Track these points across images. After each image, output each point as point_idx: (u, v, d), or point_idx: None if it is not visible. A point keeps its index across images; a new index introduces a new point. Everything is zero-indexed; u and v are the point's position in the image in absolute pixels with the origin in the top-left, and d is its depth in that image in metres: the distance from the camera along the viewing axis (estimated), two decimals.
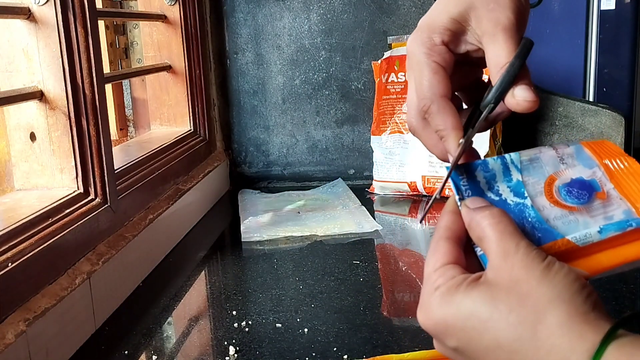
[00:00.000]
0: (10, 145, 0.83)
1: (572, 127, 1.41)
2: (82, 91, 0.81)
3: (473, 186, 0.45)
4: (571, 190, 0.43)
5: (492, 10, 0.45)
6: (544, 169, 0.45)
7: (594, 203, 0.43)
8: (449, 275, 0.40)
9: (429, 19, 0.48)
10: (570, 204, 0.43)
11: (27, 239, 0.69)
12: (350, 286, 0.90)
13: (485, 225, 0.41)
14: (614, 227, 0.41)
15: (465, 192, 0.44)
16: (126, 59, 1.47)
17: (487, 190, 0.44)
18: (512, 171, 0.45)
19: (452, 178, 0.45)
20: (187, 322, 0.82)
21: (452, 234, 0.43)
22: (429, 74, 0.46)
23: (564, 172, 0.45)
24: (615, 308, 0.80)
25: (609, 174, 0.45)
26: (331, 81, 1.45)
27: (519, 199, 0.43)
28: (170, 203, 1.07)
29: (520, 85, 0.44)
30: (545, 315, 0.36)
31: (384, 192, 1.36)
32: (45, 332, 0.67)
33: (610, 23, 1.49)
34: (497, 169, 0.45)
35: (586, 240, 0.41)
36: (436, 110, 0.46)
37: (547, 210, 0.43)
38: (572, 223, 0.42)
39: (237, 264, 1.02)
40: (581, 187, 0.44)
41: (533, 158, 0.46)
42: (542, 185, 0.44)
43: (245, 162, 1.50)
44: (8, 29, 0.79)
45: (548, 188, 0.44)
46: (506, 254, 0.39)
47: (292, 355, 0.71)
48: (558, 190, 0.44)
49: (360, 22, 1.41)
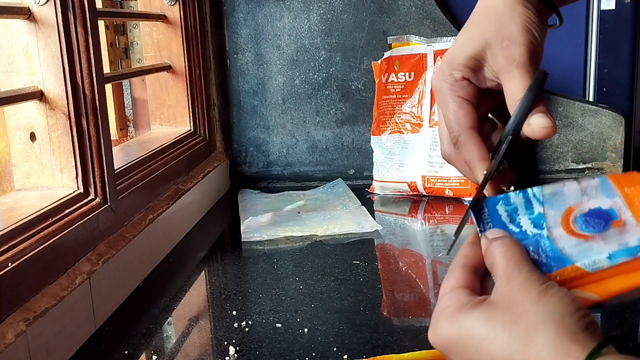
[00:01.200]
0: (10, 145, 0.83)
1: (572, 127, 1.41)
2: (82, 91, 0.81)
3: (495, 219, 0.47)
4: (588, 219, 0.45)
5: (506, 48, 0.48)
6: (566, 201, 0.46)
7: (610, 231, 0.43)
8: (457, 297, 0.43)
9: (449, 56, 0.51)
10: (586, 232, 0.44)
11: (27, 239, 0.69)
12: (350, 286, 0.90)
13: (497, 253, 0.43)
14: (624, 253, 0.42)
15: (487, 225, 0.47)
16: (126, 59, 1.47)
17: (509, 223, 0.46)
18: (535, 204, 0.47)
19: (472, 212, 0.48)
20: (187, 322, 0.82)
21: (468, 262, 0.45)
22: (455, 108, 0.50)
23: (584, 203, 0.46)
24: (616, 309, 0.80)
25: (628, 203, 0.45)
26: (331, 81, 1.45)
27: (537, 230, 0.45)
28: (170, 203, 1.07)
29: (536, 113, 0.47)
30: (535, 334, 0.38)
31: (384, 192, 1.36)
32: (45, 332, 0.67)
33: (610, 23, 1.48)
34: (519, 203, 0.47)
35: (595, 266, 0.42)
36: (463, 142, 0.49)
37: (562, 239, 0.44)
38: (585, 251, 0.43)
39: (237, 264, 1.02)
40: (598, 216, 0.45)
41: (556, 192, 0.47)
42: (561, 216, 0.45)
43: (245, 162, 1.50)
44: (8, 29, 0.79)
45: (565, 219, 0.45)
46: (509, 278, 0.41)
47: (292, 355, 0.71)
48: (575, 220, 0.45)
49: (360, 22, 1.41)
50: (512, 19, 0.49)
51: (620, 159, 1.41)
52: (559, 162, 1.43)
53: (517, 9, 0.49)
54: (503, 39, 0.48)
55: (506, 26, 0.49)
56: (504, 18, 0.49)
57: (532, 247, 0.44)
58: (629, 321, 0.77)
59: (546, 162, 1.44)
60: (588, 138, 1.41)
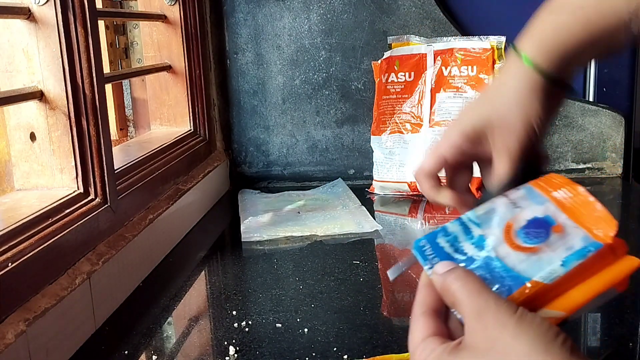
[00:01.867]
0: (10, 145, 0.83)
1: (572, 127, 1.41)
2: (82, 91, 0.81)
3: (439, 252, 0.46)
4: (528, 231, 0.44)
5: (504, 135, 0.53)
6: (501, 217, 0.46)
7: (552, 237, 0.43)
8: (431, 348, 0.41)
9: (459, 117, 0.57)
10: (530, 245, 0.43)
11: (27, 239, 0.69)
12: (350, 286, 0.90)
13: (455, 289, 0.41)
14: (575, 256, 0.41)
15: (433, 260, 0.45)
16: (126, 59, 1.47)
17: (453, 253, 0.46)
18: (472, 228, 0.47)
19: (415, 251, 0.47)
20: (187, 322, 0.82)
21: (428, 307, 0.44)
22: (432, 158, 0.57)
23: (519, 215, 0.46)
24: (616, 309, 0.80)
25: (560, 206, 0.45)
26: (331, 81, 1.45)
27: (484, 253, 0.44)
28: (170, 203, 1.07)
29: None
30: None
31: (384, 192, 1.36)
32: (45, 332, 0.67)
33: None
34: (458, 230, 0.47)
35: (553, 277, 0.41)
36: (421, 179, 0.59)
37: (511, 256, 0.43)
38: (536, 263, 0.42)
39: (237, 264, 1.02)
40: (537, 226, 0.44)
41: (488, 210, 0.47)
42: (502, 234, 0.45)
43: (245, 162, 1.50)
44: (8, 29, 0.79)
45: (507, 235, 0.45)
46: (478, 314, 0.40)
47: (292, 355, 0.71)
48: (516, 234, 0.45)
49: (360, 22, 1.41)
50: (518, 109, 0.53)
51: (620, 159, 1.41)
52: (559, 162, 1.43)
53: (527, 99, 0.53)
54: (503, 126, 0.53)
55: (511, 115, 0.53)
56: (512, 107, 0.53)
57: (484, 271, 0.43)
58: (629, 321, 0.77)
59: None
60: (588, 138, 1.41)
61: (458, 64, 1.31)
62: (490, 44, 1.29)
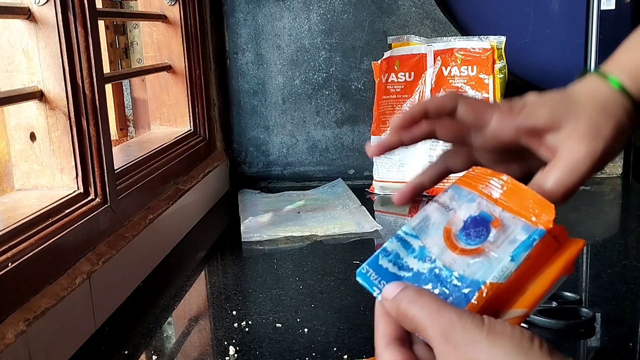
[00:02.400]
0: (10, 145, 0.83)
1: None
2: (82, 91, 0.81)
3: (384, 275, 0.43)
4: (468, 232, 0.42)
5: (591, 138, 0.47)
6: (437, 224, 0.44)
7: (494, 233, 0.42)
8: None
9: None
10: (474, 246, 0.42)
11: (27, 239, 0.69)
12: (350, 286, 0.90)
13: (412, 314, 0.39)
14: (522, 248, 0.40)
15: (380, 284, 0.43)
16: (126, 59, 1.47)
17: (398, 271, 0.43)
18: (411, 241, 0.44)
19: (360, 280, 0.44)
20: (187, 322, 0.82)
21: (390, 338, 0.41)
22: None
23: (454, 218, 0.44)
24: (616, 309, 0.80)
25: (491, 199, 0.43)
26: (331, 81, 1.45)
27: (429, 264, 0.42)
28: (170, 203, 1.07)
29: None
30: None
31: (384, 192, 1.36)
32: (45, 332, 0.67)
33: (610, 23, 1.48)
34: (397, 247, 0.44)
35: (506, 274, 0.40)
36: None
37: (458, 262, 0.41)
38: (485, 264, 0.40)
39: (237, 264, 1.02)
40: (475, 224, 0.43)
41: (422, 219, 0.45)
42: (443, 241, 0.43)
43: (245, 162, 1.50)
44: (8, 29, 0.79)
45: (448, 241, 0.43)
46: (445, 336, 0.38)
47: (292, 355, 0.71)
48: (457, 238, 0.43)
49: (360, 22, 1.41)
50: (611, 117, 0.47)
51: (620, 158, 1.41)
52: None
53: (618, 113, 0.48)
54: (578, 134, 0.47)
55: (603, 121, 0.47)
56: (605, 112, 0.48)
57: (435, 283, 0.41)
58: (629, 321, 0.77)
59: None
60: None
61: (458, 64, 1.31)
62: (490, 44, 1.29)
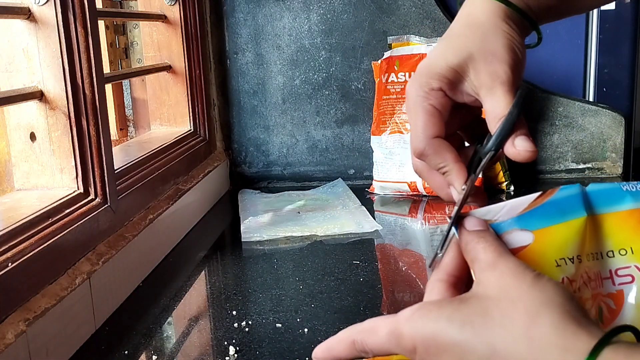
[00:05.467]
0: (10, 145, 0.83)
1: (572, 127, 1.41)
2: (82, 91, 0.81)
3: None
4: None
5: (490, 63, 0.47)
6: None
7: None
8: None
9: (427, 64, 0.49)
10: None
11: (27, 239, 0.69)
12: (350, 286, 0.90)
13: (479, 248, 0.41)
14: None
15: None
16: (126, 59, 1.47)
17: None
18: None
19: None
20: (187, 322, 0.82)
21: (447, 275, 0.43)
22: (424, 117, 0.48)
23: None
24: None
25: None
26: (331, 81, 1.45)
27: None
28: (170, 203, 1.07)
29: (520, 135, 0.46)
30: (538, 317, 0.36)
31: (384, 192, 1.36)
32: (45, 332, 0.67)
33: (610, 23, 1.49)
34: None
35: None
36: (432, 152, 0.47)
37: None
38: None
39: (237, 264, 1.02)
40: None
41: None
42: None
43: (245, 162, 1.50)
44: (8, 29, 0.79)
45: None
46: (494, 265, 0.39)
47: (292, 355, 0.71)
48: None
49: (360, 22, 1.41)
50: (496, 35, 0.48)
51: (620, 159, 1.42)
52: (559, 162, 1.43)
53: (501, 26, 0.48)
54: (487, 54, 0.47)
55: (491, 42, 0.47)
56: (488, 34, 0.48)
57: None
58: None
59: (546, 162, 1.44)
60: (588, 138, 1.41)
61: None
62: None
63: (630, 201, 0.44)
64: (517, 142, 0.45)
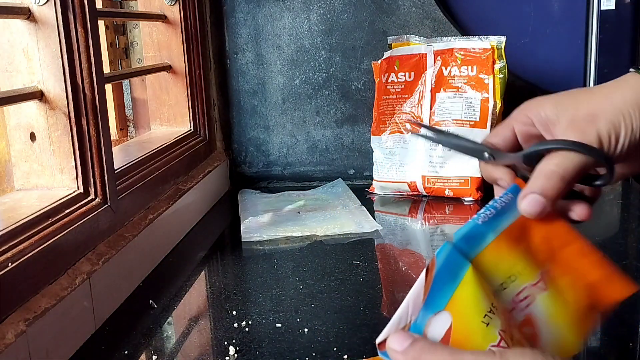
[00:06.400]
0: (10, 145, 0.83)
1: None
2: (82, 91, 0.81)
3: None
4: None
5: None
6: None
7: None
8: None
9: (537, 101, 0.54)
10: None
11: (27, 239, 0.69)
12: (350, 286, 0.90)
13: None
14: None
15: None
16: (126, 59, 1.47)
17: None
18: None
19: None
20: (187, 322, 0.82)
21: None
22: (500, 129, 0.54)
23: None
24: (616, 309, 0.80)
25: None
26: (331, 81, 1.45)
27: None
28: (170, 203, 1.07)
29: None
30: None
31: (384, 192, 1.36)
32: (45, 332, 0.67)
33: (610, 23, 1.48)
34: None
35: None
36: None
37: None
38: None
39: (237, 264, 1.02)
40: None
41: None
42: None
43: (245, 162, 1.50)
44: (8, 29, 0.79)
45: None
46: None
47: (292, 355, 0.71)
48: None
49: (360, 22, 1.41)
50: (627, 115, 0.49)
51: None
52: None
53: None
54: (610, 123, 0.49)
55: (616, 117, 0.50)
56: (619, 113, 0.50)
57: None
58: (629, 322, 0.77)
59: None
60: None
61: (458, 64, 1.31)
62: (490, 44, 1.29)
63: (490, 232, 0.45)
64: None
